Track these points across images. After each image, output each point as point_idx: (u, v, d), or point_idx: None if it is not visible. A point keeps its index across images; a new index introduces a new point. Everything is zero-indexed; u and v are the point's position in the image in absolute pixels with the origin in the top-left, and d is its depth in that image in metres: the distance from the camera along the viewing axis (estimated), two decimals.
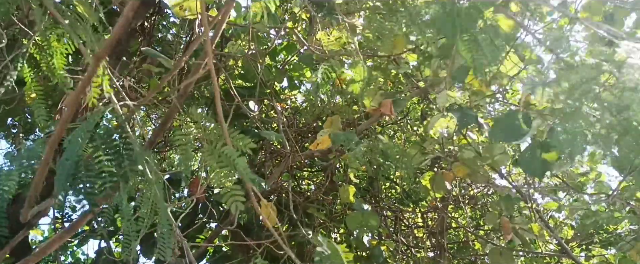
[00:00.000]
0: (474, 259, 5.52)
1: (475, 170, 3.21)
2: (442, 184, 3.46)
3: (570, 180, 4.76)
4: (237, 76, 4.47)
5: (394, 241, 5.06)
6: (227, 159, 1.45)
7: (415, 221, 5.52)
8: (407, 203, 5.17)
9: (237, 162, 1.40)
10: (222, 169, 1.46)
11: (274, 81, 4.26)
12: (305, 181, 5.37)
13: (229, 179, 1.47)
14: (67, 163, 1.56)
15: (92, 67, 1.36)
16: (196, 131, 1.53)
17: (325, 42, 2.85)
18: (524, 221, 3.54)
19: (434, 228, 5.03)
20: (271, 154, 4.51)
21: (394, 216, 5.15)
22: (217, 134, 1.52)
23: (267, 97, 4.26)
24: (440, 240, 4.72)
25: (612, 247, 4.75)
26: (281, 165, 3.90)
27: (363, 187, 4.94)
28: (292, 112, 4.88)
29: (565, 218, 5.25)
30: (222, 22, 1.69)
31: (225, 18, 1.68)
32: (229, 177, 1.46)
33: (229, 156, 1.44)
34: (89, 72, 1.36)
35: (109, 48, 1.34)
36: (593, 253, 5.01)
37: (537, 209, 3.87)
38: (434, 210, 4.90)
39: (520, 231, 3.43)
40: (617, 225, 4.58)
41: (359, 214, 2.89)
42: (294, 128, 4.56)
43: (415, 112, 4.73)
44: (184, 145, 1.54)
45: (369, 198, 4.88)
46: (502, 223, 3.36)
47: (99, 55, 1.35)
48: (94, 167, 1.66)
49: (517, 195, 3.55)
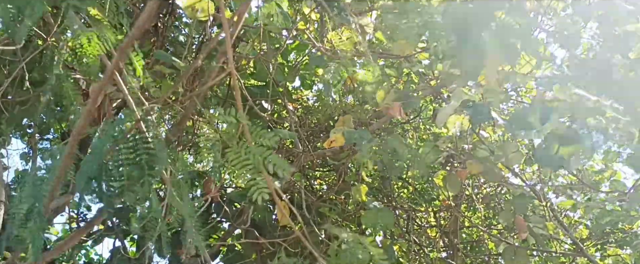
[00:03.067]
0: (487, 259, 5.49)
1: (489, 168, 3.19)
2: (456, 183, 3.44)
3: (586, 178, 4.72)
4: (250, 76, 4.49)
5: (406, 240, 5.05)
6: (253, 156, 1.46)
7: (428, 221, 5.50)
8: (419, 202, 5.16)
9: (269, 157, 1.42)
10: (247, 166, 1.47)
11: (285, 80, 4.27)
12: (317, 180, 5.38)
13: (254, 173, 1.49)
14: (90, 165, 1.59)
15: (117, 58, 1.38)
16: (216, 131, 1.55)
17: (336, 42, 2.86)
18: (539, 220, 3.52)
19: (446, 227, 5.01)
20: (284, 154, 4.52)
21: (406, 216, 5.14)
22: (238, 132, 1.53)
23: (279, 96, 4.28)
24: (453, 239, 4.71)
25: (628, 246, 4.70)
26: (293, 164, 3.91)
27: (375, 187, 4.93)
28: (304, 112, 4.89)
29: (580, 217, 5.20)
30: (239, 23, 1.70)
31: (241, 19, 1.70)
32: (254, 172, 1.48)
33: (256, 153, 1.45)
34: (114, 63, 1.37)
35: (132, 40, 1.35)
36: (608, 253, 4.96)
37: (552, 207, 3.84)
38: (446, 209, 4.88)
39: (535, 229, 3.41)
40: (632, 224, 4.52)
41: (374, 211, 2.89)
42: (306, 128, 4.57)
43: (427, 111, 4.72)
44: (209, 145, 1.56)
45: (381, 198, 4.87)
46: (517, 221, 3.34)
47: (124, 46, 1.37)
48: (115, 170, 1.68)
49: (531, 193, 3.53)
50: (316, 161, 4.81)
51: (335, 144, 2.83)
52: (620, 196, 3.52)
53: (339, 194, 4.55)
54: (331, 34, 2.85)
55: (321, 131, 4.70)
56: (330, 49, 2.94)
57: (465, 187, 4.45)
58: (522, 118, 2.33)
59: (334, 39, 2.86)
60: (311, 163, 4.70)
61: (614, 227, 4.64)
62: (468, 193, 4.63)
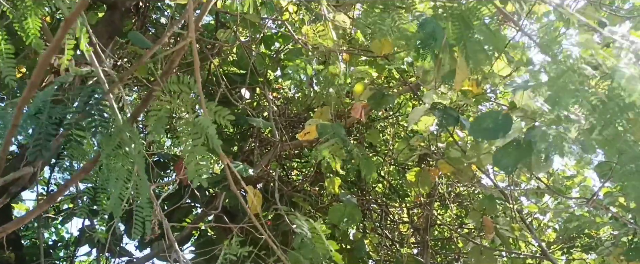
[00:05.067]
0: (457, 258, 5.57)
1: (460, 168, 3.23)
2: (428, 181, 3.49)
3: (556, 183, 4.80)
4: (231, 63, 4.48)
5: (378, 235, 5.10)
6: (200, 128, 1.45)
7: (401, 217, 5.55)
8: (393, 197, 5.21)
9: (208, 130, 1.40)
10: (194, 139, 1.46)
11: (267, 69, 4.27)
12: (294, 171, 5.39)
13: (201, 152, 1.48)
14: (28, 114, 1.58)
15: (61, 30, 1.35)
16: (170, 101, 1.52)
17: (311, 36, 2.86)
18: (506, 222, 3.58)
19: (418, 224, 5.07)
20: (260, 142, 4.52)
21: (380, 210, 5.19)
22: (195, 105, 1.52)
23: (259, 85, 4.27)
24: (424, 236, 4.76)
25: (593, 252, 4.80)
26: (269, 153, 3.92)
27: (351, 181, 4.97)
28: (284, 102, 4.89)
29: (549, 221, 5.30)
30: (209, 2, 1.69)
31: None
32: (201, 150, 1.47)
33: (201, 125, 1.43)
34: (59, 34, 1.34)
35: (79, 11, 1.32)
36: (574, 256, 5.06)
37: (519, 210, 3.91)
38: (419, 206, 4.93)
39: (502, 231, 3.47)
40: (598, 230, 4.62)
41: (342, 206, 2.91)
42: (285, 118, 4.58)
43: (406, 109, 4.75)
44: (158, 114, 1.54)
45: (356, 191, 4.91)
46: (485, 222, 3.39)
47: (69, 18, 1.33)
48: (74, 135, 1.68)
49: (500, 195, 3.59)
50: (293, 152, 4.82)
51: (308, 137, 2.84)
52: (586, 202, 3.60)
53: (313, 186, 4.58)
54: (306, 28, 2.86)
55: (300, 122, 4.70)
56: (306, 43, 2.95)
57: (438, 186, 4.50)
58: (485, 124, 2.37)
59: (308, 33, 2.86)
60: (288, 153, 4.72)
61: (580, 232, 4.73)
62: (441, 192, 4.68)
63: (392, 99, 3.14)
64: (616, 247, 3.78)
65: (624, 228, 3.91)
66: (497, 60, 3.30)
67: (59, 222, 4.80)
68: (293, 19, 3.39)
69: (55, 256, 4.58)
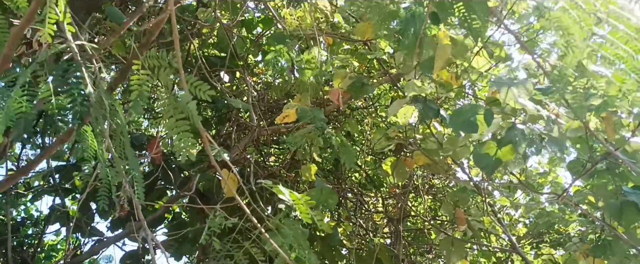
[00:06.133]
0: (429, 249, 5.64)
1: (435, 160, 3.26)
2: (403, 171, 3.51)
3: (529, 180, 4.88)
4: (211, 45, 4.43)
5: (352, 224, 5.13)
6: (181, 105, 1.43)
7: (376, 206, 5.59)
8: (369, 187, 5.24)
9: (188, 106, 1.39)
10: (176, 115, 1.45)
11: (247, 53, 4.23)
12: (272, 158, 5.38)
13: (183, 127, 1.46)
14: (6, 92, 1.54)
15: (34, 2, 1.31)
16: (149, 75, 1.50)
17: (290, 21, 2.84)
18: (478, 214, 3.63)
19: (393, 214, 5.11)
20: (238, 127, 4.50)
21: (355, 199, 5.21)
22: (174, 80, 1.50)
23: (239, 69, 4.23)
24: (398, 227, 4.80)
25: (561, 248, 4.90)
26: (247, 137, 3.90)
27: (327, 169, 4.97)
28: (263, 88, 4.87)
29: (520, 216, 5.39)
30: None
31: None
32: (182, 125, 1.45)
33: (183, 100, 1.42)
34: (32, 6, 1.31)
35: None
36: (542, 252, 5.17)
37: (490, 203, 3.96)
38: (394, 197, 4.97)
39: (474, 223, 3.52)
40: (567, 226, 4.72)
41: (318, 190, 2.91)
42: (264, 103, 4.55)
43: (385, 99, 4.77)
44: (138, 87, 1.51)
45: (332, 179, 4.92)
46: (457, 213, 3.43)
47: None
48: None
49: (473, 188, 3.63)
50: (272, 138, 4.80)
51: (287, 119, 2.83)
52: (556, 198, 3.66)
53: (290, 172, 4.57)
54: (285, 11, 2.83)
55: (279, 108, 4.68)
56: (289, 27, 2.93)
57: (414, 177, 4.54)
58: (465, 117, 2.39)
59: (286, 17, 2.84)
60: (266, 139, 4.70)
61: (550, 228, 4.83)
62: (416, 183, 4.72)
63: (371, 88, 3.14)
64: (583, 243, 3.86)
65: (591, 225, 4.00)
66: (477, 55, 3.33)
67: (29, 199, 4.71)
68: (276, 4, 3.36)
69: (23, 233, 4.50)
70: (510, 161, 2.43)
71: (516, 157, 2.41)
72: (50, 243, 5.71)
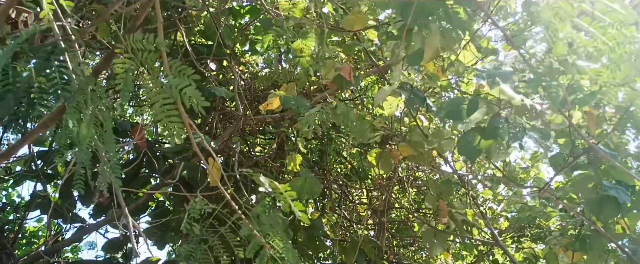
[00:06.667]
0: (412, 241, 5.69)
1: (420, 152, 3.28)
2: (388, 162, 3.52)
3: (512, 174, 4.94)
4: (198, 33, 4.38)
5: (337, 215, 5.14)
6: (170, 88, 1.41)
7: (361, 198, 5.61)
8: (354, 179, 5.25)
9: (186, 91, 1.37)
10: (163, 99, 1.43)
11: (235, 42, 4.20)
12: (258, 147, 5.37)
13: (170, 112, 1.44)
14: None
15: None
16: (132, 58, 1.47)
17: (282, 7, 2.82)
18: (461, 207, 3.66)
19: (377, 206, 5.14)
20: (224, 116, 4.47)
21: (340, 191, 5.23)
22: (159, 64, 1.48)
23: (226, 58, 4.20)
24: (382, 219, 4.83)
25: (541, 242, 4.97)
26: (232, 126, 3.88)
27: (313, 160, 4.98)
28: (250, 77, 4.84)
29: (502, 211, 5.46)
30: None
31: None
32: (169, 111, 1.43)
33: (173, 84, 1.40)
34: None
35: None
36: (523, 246, 5.24)
37: (474, 195, 4.00)
38: (378, 188, 4.99)
39: (457, 215, 3.55)
40: (548, 221, 4.78)
41: (302, 179, 2.91)
42: (251, 93, 4.53)
43: (372, 91, 4.78)
44: (123, 73, 1.49)
45: (317, 170, 4.93)
46: (440, 205, 3.46)
47: None
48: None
49: (457, 181, 3.66)
50: (258, 128, 4.79)
51: (271, 106, 2.82)
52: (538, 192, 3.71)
53: (275, 162, 4.56)
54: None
55: (265, 98, 4.66)
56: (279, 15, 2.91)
57: (398, 169, 4.56)
58: (452, 107, 2.40)
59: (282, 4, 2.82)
60: (252, 128, 4.69)
61: (531, 222, 4.89)
62: (401, 175, 4.75)
63: (358, 80, 3.14)
64: (563, 238, 3.92)
65: (572, 220, 4.06)
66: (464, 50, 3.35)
67: (10, 185, 4.65)
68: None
69: (4, 219, 4.44)
70: (494, 150, 2.45)
71: (499, 146, 2.43)
72: (32, 230, 5.65)
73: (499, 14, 3.86)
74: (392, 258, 5.25)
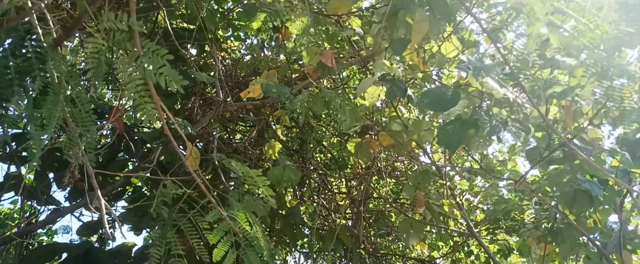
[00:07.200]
0: (389, 231, 5.74)
1: (399, 142, 3.29)
2: (367, 152, 3.53)
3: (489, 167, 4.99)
4: (179, 17, 4.33)
5: (315, 203, 5.16)
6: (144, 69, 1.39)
7: (339, 188, 5.63)
8: (334, 168, 5.26)
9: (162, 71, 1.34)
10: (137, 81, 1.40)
11: (216, 27, 4.15)
12: (238, 134, 5.34)
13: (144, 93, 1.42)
14: None
15: None
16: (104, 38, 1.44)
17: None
18: (438, 198, 3.69)
19: (355, 195, 5.16)
20: (204, 101, 4.43)
21: (319, 180, 5.24)
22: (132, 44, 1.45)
23: (208, 43, 4.16)
24: (360, 208, 4.86)
25: (515, 234, 5.06)
26: (211, 112, 3.84)
27: (293, 149, 4.97)
28: (232, 63, 4.80)
29: (479, 203, 5.53)
30: None
31: None
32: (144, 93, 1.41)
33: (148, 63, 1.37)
34: None
35: None
36: (498, 237, 5.32)
37: (451, 187, 4.04)
38: (357, 178, 5.01)
39: (433, 206, 3.58)
40: (523, 214, 4.86)
41: (281, 167, 2.91)
42: (232, 79, 4.50)
43: (354, 81, 4.78)
44: (95, 53, 1.46)
45: (297, 159, 4.93)
46: (417, 195, 3.49)
47: None
48: None
49: (435, 172, 3.69)
50: (239, 115, 4.76)
51: (252, 94, 2.80)
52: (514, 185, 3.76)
53: (255, 149, 4.55)
54: None
55: (246, 85, 4.63)
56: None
57: (377, 159, 4.58)
58: (433, 96, 2.41)
59: None
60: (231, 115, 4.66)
61: (506, 215, 4.97)
62: (380, 165, 4.77)
63: (341, 67, 3.13)
64: (537, 230, 4.00)
65: (545, 213, 4.14)
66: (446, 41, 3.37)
67: None
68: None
69: None
70: (474, 142, 2.48)
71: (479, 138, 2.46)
72: (6, 211, 5.56)
73: (481, 7, 3.88)
74: (369, 247, 5.29)
